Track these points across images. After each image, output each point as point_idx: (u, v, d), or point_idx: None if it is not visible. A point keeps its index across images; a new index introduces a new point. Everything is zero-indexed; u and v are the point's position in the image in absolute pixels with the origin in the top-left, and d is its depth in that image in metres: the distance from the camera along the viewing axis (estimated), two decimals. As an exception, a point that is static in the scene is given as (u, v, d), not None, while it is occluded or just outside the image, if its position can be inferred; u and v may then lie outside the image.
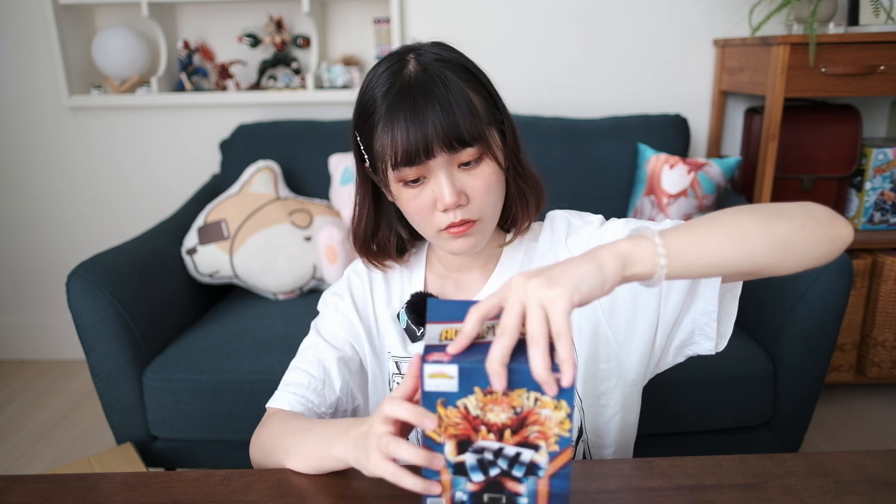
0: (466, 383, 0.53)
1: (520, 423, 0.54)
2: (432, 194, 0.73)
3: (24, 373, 2.40)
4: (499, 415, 0.54)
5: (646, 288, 0.74)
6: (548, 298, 0.52)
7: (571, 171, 1.96)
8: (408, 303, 0.84)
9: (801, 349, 1.44)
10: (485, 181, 0.74)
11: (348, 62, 2.21)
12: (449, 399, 0.54)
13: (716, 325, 0.74)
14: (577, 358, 0.82)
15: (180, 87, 2.22)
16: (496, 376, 0.51)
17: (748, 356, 1.49)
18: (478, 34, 2.16)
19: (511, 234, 0.85)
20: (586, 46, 2.17)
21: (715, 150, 2.19)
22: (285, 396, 0.83)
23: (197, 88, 2.23)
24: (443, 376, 0.53)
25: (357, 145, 0.78)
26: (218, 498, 0.68)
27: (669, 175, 1.85)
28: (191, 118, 2.27)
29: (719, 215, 0.63)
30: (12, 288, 2.47)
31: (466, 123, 0.70)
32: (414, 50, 0.75)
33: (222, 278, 1.84)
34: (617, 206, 1.98)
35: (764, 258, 0.62)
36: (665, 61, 2.16)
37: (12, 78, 2.24)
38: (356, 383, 0.88)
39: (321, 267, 1.86)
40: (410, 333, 0.84)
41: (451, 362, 0.53)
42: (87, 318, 1.44)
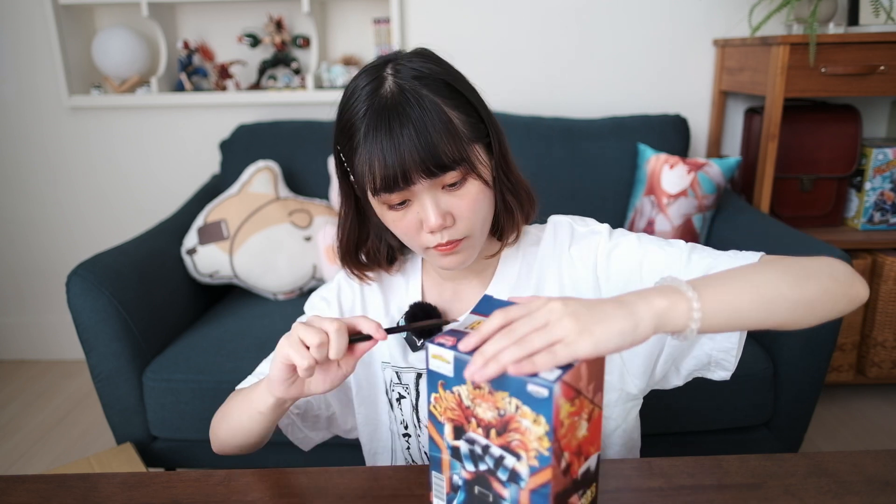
0: (460, 372, 0.54)
1: (503, 427, 0.54)
2: (417, 216, 0.71)
3: (24, 373, 2.40)
4: (486, 412, 0.55)
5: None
6: (568, 341, 0.52)
7: (571, 171, 1.96)
8: (406, 313, 0.82)
9: (801, 349, 1.44)
10: (470, 201, 0.72)
11: (348, 62, 2.21)
12: (447, 382, 0.56)
13: (734, 361, 0.74)
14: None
15: (180, 87, 2.22)
16: (473, 364, 0.52)
17: (748, 356, 1.49)
18: (478, 34, 2.16)
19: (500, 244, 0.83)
20: (586, 46, 2.16)
21: (715, 150, 2.19)
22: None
23: (197, 88, 2.23)
24: (441, 359, 0.56)
25: (340, 159, 0.75)
26: (218, 498, 0.68)
27: (669, 175, 1.85)
28: (191, 118, 2.27)
29: (750, 274, 0.63)
30: (12, 288, 2.47)
31: (445, 147, 0.67)
32: (392, 62, 0.71)
33: (222, 278, 1.84)
34: (617, 206, 1.98)
35: (786, 318, 0.62)
36: (665, 61, 2.16)
37: (12, 78, 2.24)
38: (330, 393, 0.87)
39: (321, 267, 1.86)
40: (411, 343, 0.83)
41: (451, 348, 0.55)
42: (87, 318, 1.44)
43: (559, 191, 1.95)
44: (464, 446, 0.57)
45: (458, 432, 0.57)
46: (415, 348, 0.83)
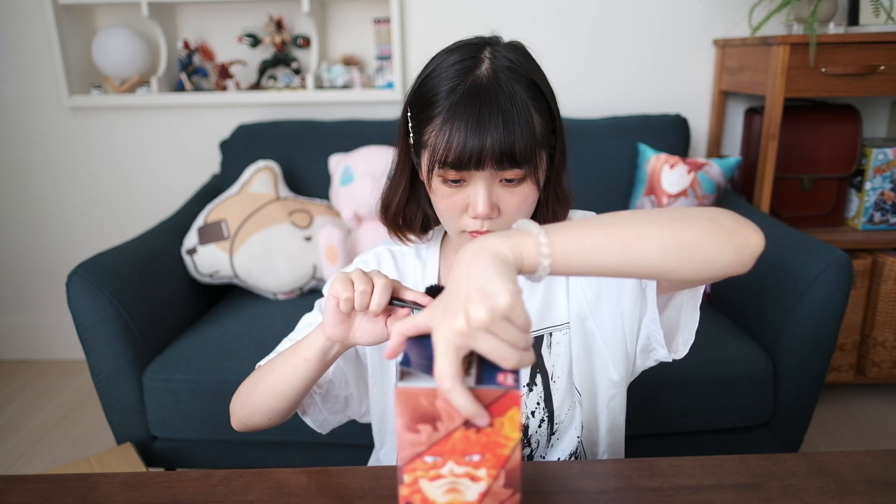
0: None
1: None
2: (467, 199, 0.73)
3: (24, 373, 2.40)
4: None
5: (612, 283, 0.77)
6: (502, 309, 0.50)
7: (571, 171, 1.94)
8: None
9: (801, 349, 1.44)
10: (520, 201, 0.74)
11: (348, 62, 2.21)
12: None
13: (661, 333, 0.76)
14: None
15: (180, 87, 2.22)
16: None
17: (748, 356, 1.49)
18: (477, 34, 2.15)
19: None
20: (586, 46, 2.16)
21: (715, 150, 2.19)
22: None
23: (197, 88, 2.23)
24: None
25: (407, 121, 0.77)
26: (218, 498, 0.68)
27: (669, 175, 1.85)
28: (191, 118, 2.27)
29: (614, 216, 0.60)
30: (12, 288, 2.47)
31: (523, 144, 0.70)
32: (490, 46, 0.74)
33: (222, 278, 1.84)
34: (617, 206, 1.98)
35: (659, 262, 0.59)
36: (665, 61, 2.16)
37: (12, 78, 2.24)
38: (350, 371, 0.88)
39: (321, 267, 1.86)
40: None
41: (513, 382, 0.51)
42: (87, 318, 1.44)
43: (574, 189, 1.95)
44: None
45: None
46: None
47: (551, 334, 0.84)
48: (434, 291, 0.83)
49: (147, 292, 1.57)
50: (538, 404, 0.85)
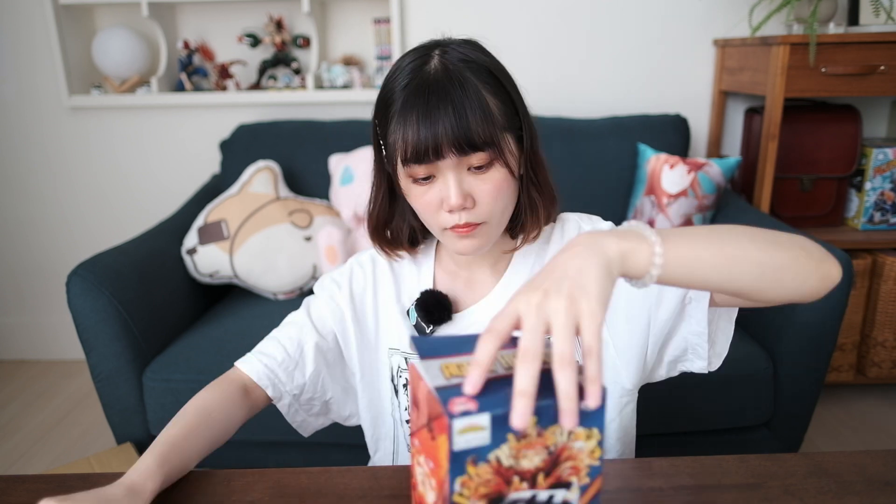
0: (499, 432, 0.46)
1: (553, 463, 0.48)
2: (439, 194, 0.74)
3: (24, 373, 2.40)
4: (532, 459, 0.48)
5: (638, 292, 0.73)
6: (584, 313, 0.48)
7: (571, 171, 1.95)
8: (417, 301, 0.84)
9: (801, 349, 1.44)
10: (493, 186, 0.74)
11: (348, 62, 2.21)
12: (480, 454, 0.46)
13: (707, 346, 0.75)
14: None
15: (180, 87, 2.22)
16: (524, 414, 0.44)
17: (748, 356, 1.49)
18: (477, 34, 2.14)
19: (519, 240, 0.84)
20: (586, 46, 2.16)
21: (715, 150, 2.19)
22: (255, 365, 0.85)
23: (197, 88, 2.23)
24: (474, 429, 0.45)
25: (376, 133, 0.78)
26: (218, 498, 0.68)
27: (669, 175, 1.85)
28: (191, 118, 2.27)
29: (719, 231, 0.61)
30: (12, 288, 2.47)
31: (478, 127, 0.70)
32: (441, 45, 0.75)
33: (222, 278, 1.84)
34: (617, 206, 1.98)
35: (753, 283, 0.60)
36: (665, 61, 2.16)
37: (12, 78, 2.24)
38: (331, 375, 0.88)
39: (321, 267, 1.86)
40: (420, 331, 0.84)
41: (481, 411, 0.45)
42: (87, 318, 1.44)
43: (559, 191, 1.95)
44: None
45: (494, 503, 0.48)
46: (423, 335, 0.84)
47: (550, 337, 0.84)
48: (429, 296, 0.83)
49: (147, 292, 1.57)
50: None
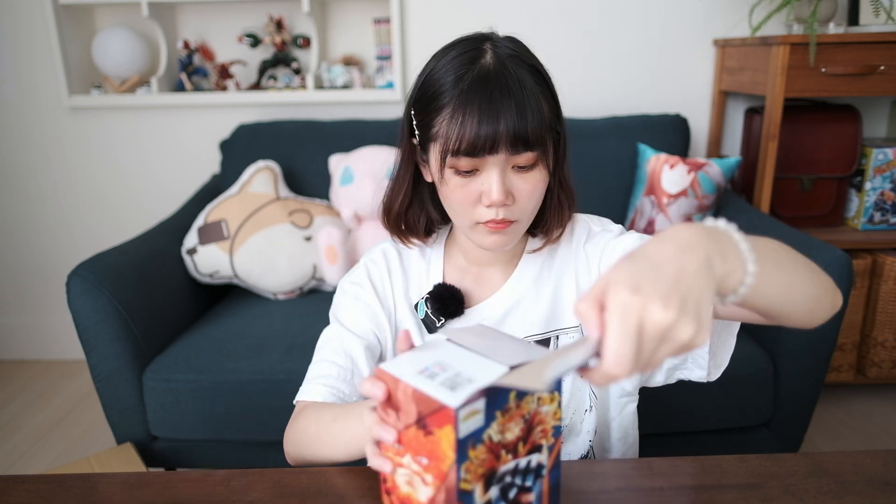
0: (491, 411, 0.50)
1: (528, 430, 0.53)
2: (480, 188, 0.74)
3: (24, 373, 2.40)
4: (513, 430, 0.52)
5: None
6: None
7: (571, 170, 1.95)
8: (431, 293, 0.83)
9: (801, 349, 1.44)
10: (533, 186, 0.75)
11: (348, 62, 2.21)
12: (476, 437, 0.50)
13: (707, 357, 0.75)
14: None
15: (180, 87, 2.22)
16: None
17: (748, 356, 1.49)
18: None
19: (538, 238, 0.84)
20: (586, 46, 2.16)
21: (715, 150, 2.19)
22: (316, 388, 0.81)
23: (197, 88, 2.23)
24: (473, 414, 0.49)
25: (410, 121, 0.77)
26: (218, 498, 0.68)
27: (669, 175, 1.85)
28: (191, 118, 2.27)
29: (788, 256, 0.58)
30: (12, 288, 2.47)
31: (534, 127, 0.70)
32: (489, 39, 0.75)
33: (222, 278, 1.84)
34: (617, 206, 1.98)
35: (794, 308, 0.59)
36: (665, 61, 2.16)
37: (12, 78, 2.24)
38: None
39: (321, 267, 1.86)
40: (429, 324, 0.84)
41: (482, 397, 0.49)
42: (87, 318, 1.44)
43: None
44: (494, 491, 0.52)
45: (489, 480, 0.52)
46: (431, 330, 0.84)
47: (558, 337, 0.84)
48: (443, 289, 0.83)
49: (147, 292, 1.57)
50: None
